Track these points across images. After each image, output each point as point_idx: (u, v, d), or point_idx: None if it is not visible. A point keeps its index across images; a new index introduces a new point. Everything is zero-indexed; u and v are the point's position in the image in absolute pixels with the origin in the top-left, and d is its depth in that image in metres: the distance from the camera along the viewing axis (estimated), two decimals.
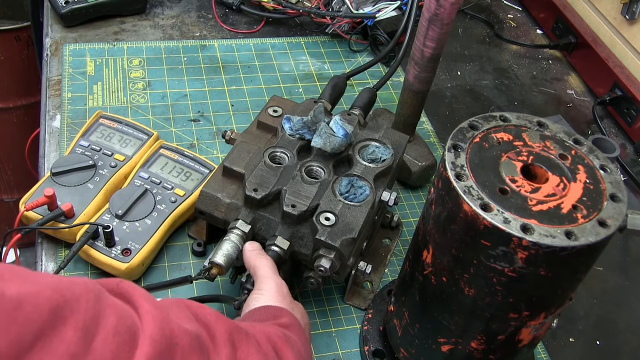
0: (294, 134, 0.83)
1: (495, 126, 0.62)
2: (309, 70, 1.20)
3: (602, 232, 0.53)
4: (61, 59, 1.12)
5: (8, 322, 0.40)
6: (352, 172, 0.80)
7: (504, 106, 1.21)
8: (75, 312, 0.43)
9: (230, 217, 0.77)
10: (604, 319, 0.90)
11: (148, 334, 0.46)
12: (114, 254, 0.81)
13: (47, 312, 0.42)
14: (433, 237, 0.62)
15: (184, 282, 0.78)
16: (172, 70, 1.14)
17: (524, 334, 0.63)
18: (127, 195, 0.85)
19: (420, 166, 0.99)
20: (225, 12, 1.30)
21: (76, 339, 0.42)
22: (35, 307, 0.41)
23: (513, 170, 0.58)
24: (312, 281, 0.77)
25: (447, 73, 1.27)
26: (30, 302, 0.41)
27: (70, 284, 0.45)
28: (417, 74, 0.89)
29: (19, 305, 0.41)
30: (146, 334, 0.46)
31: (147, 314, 0.48)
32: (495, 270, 0.56)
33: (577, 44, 1.29)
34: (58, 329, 0.42)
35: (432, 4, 0.80)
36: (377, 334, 0.81)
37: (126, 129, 0.95)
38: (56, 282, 0.44)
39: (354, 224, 0.74)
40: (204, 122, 1.06)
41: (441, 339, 0.67)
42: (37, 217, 0.82)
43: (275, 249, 0.74)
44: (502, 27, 1.40)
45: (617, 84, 1.18)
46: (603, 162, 0.59)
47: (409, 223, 0.97)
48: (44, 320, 0.41)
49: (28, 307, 0.41)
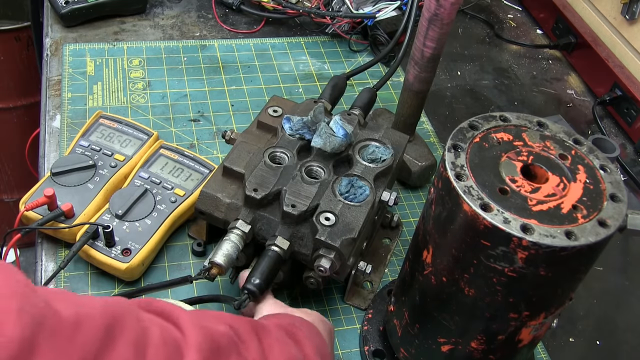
0: (294, 134, 0.83)
1: (495, 126, 0.62)
2: (309, 70, 1.20)
3: (602, 232, 0.53)
4: (61, 59, 1.12)
5: (69, 344, 0.41)
6: (352, 172, 0.80)
7: (504, 106, 1.21)
8: (125, 330, 0.45)
9: (230, 217, 0.77)
10: (604, 319, 0.90)
11: (192, 342, 0.49)
12: (114, 254, 0.81)
13: (103, 331, 0.44)
14: (433, 237, 0.62)
15: (184, 282, 0.78)
16: (172, 70, 1.14)
17: (524, 334, 0.63)
18: (127, 195, 0.85)
19: (420, 166, 0.99)
20: (225, 12, 1.30)
21: (131, 354, 0.44)
22: (91, 327, 0.43)
23: (513, 170, 0.58)
24: (312, 281, 0.77)
25: (447, 73, 1.27)
26: (87, 323, 0.43)
27: (115, 303, 0.47)
28: (417, 74, 0.89)
29: (77, 327, 0.42)
30: (190, 342, 0.49)
31: (187, 324, 0.51)
32: (495, 270, 0.56)
33: (577, 44, 1.29)
34: (112, 347, 0.44)
35: (432, 4, 0.80)
36: (377, 334, 0.81)
37: (126, 129, 0.95)
38: (103, 303, 0.46)
39: (354, 224, 0.74)
40: (204, 122, 1.06)
41: (441, 339, 0.67)
42: (37, 217, 0.82)
43: (275, 249, 0.74)
44: (502, 27, 1.40)
45: (617, 84, 1.18)
46: (603, 162, 0.59)
47: (409, 223, 0.97)
48: (100, 339, 0.43)
49: (86, 328, 0.43)
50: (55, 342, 0.41)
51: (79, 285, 0.82)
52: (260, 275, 0.72)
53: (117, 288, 0.83)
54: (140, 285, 0.83)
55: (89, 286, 0.82)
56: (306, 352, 0.61)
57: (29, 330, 0.40)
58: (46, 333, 0.41)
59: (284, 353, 0.58)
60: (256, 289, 0.71)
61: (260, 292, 0.72)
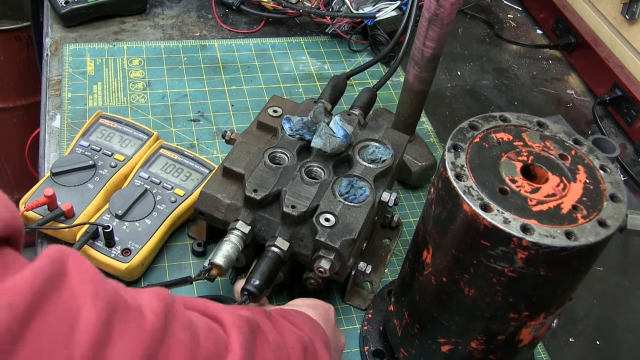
0: (294, 134, 0.83)
1: (495, 126, 0.62)
2: (309, 70, 1.20)
3: (602, 232, 0.53)
4: (61, 59, 1.12)
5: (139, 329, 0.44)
6: (352, 172, 0.80)
7: (504, 106, 1.21)
8: (176, 316, 0.48)
9: (230, 217, 0.77)
10: (604, 319, 0.90)
11: (230, 323, 0.53)
12: (114, 254, 0.81)
13: (163, 318, 0.46)
14: (433, 237, 0.62)
15: (184, 282, 0.78)
16: (172, 70, 1.14)
17: (524, 334, 0.63)
18: (127, 195, 0.85)
19: (420, 166, 0.99)
20: (225, 12, 1.30)
21: (187, 337, 0.48)
22: (153, 314, 0.46)
23: (513, 171, 0.58)
24: (312, 282, 0.77)
25: (447, 73, 1.27)
26: (148, 310, 0.46)
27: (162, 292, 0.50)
28: (417, 74, 0.89)
29: (141, 314, 0.45)
30: (228, 324, 0.53)
31: (219, 310, 0.55)
32: (495, 271, 0.56)
33: (577, 44, 1.29)
34: (172, 331, 0.46)
35: (432, 4, 0.80)
36: (377, 334, 0.81)
37: (126, 129, 0.95)
38: (154, 292, 0.49)
39: (354, 224, 0.74)
40: (204, 122, 1.06)
41: (441, 339, 0.67)
42: (37, 217, 0.82)
43: (275, 249, 0.74)
44: (502, 27, 1.40)
45: (617, 84, 1.18)
46: (603, 162, 0.59)
47: (409, 223, 0.97)
48: (162, 324, 0.46)
49: (148, 314, 0.45)
50: (127, 326, 0.43)
51: None
52: (260, 276, 0.72)
53: None
54: (141, 286, 0.83)
55: None
56: (309, 335, 0.64)
57: (104, 314, 0.42)
58: (119, 317, 0.43)
59: (293, 333, 0.61)
60: (256, 290, 0.71)
61: (260, 293, 0.72)
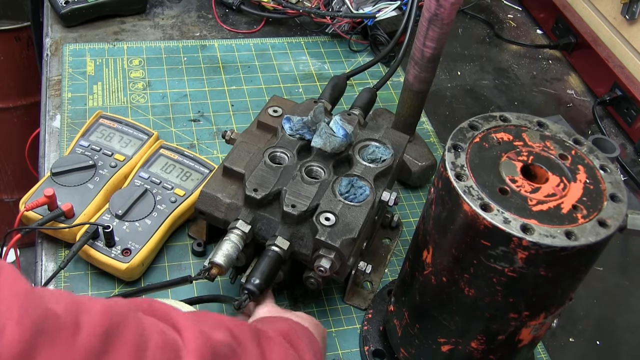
0: (294, 134, 0.83)
1: (495, 126, 0.62)
2: (309, 70, 1.20)
3: (602, 232, 0.53)
4: (61, 59, 1.12)
5: (69, 349, 0.42)
6: (352, 172, 0.80)
7: (504, 106, 1.21)
8: (124, 333, 0.45)
9: (230, 217, 0.77)
10: (604, 319, 0.90)
11: (192, 348, 0.49)
12: (114, 254, 0.81)
13: (102, 335, 0.44)
14: (433, 237, 0.62)
15: (184, 282, 0.78)
16: (172, 70, 1.14)
17: (524, 334, 0.63)
18: (127, 195, 0.85)
19: (420, 166, 0.99)
20: (225, 12, 1.30)
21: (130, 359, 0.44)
22: (91, 332, 0.43)
23: (513, 170, 0.58)
24: (312, 281, 0.77)
25: (447, 73, 1.27)
26: (86, 327, 0.43)
27: (114, 305, 0.47)
28: (417, 74, 0.89)
29: (76, 331, 0.42)
30: (189, 348, 0.49)
31: (187, 330, 0.50)
32: (495, 270, 0.56)
33: (577, 44, 1.29)
34: (112, 351, 0.44)
35: (432, 4, 0.80)
36: (377, 334, 0.81)
37: (126, 129, 0.95)
38: (102, 305, 0.46)
39: (354, 224, 0.74)
40: (204, 122, 1.06)
41: (441, 339, 0.67)
42: (37, 217, 0.82)
43: (275, 249, 0.74)
44: (502, 27, 1.40)
45: (617, 84, 1.18)
46: (603, 162, 0.59)
47: (409, 223, 0.97)
48: (100, 343, 0.43)
49: (85, 332, 0.43)
50: (54, 346, 0.41)
51: (79, 286, 0.82)
52: (260, 275, 0.72)
53: (117, 288, 0.83)
54: (140, 285, 0.83)
55: (89, 286, 0.82)
56: (305, 358, 0.61)
57: (28, 333, 0.40)
58: (46, 337, 0.41)
59: (284, 359, 0.58)
60: (256, 289, 0.71)
61: (260, 292, 0.72)
